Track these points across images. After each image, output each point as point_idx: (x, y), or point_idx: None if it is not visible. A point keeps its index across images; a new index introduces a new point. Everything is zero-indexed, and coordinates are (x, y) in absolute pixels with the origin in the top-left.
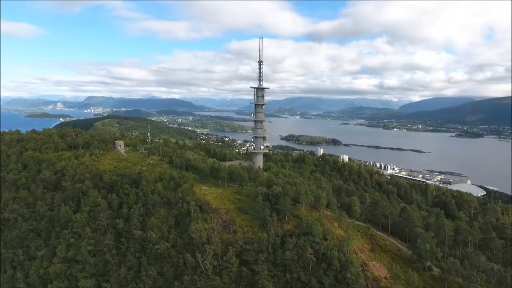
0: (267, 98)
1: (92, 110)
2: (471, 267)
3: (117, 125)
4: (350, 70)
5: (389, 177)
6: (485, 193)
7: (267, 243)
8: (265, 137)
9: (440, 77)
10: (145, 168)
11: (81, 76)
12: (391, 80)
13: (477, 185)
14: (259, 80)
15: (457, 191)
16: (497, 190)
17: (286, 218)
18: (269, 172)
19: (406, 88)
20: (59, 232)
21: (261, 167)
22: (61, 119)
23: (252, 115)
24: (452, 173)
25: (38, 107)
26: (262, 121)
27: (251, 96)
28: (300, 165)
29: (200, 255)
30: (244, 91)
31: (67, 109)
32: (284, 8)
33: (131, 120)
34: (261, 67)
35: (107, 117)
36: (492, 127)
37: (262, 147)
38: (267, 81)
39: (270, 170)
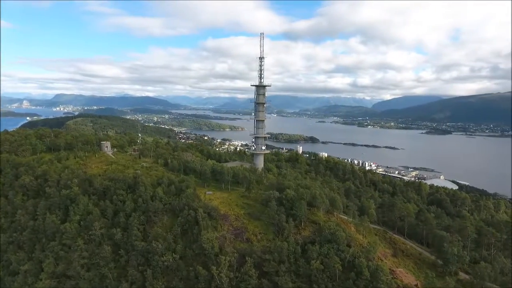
0: (244, 96)
1: (62, 109)
2: (500, 271)
3: (91, 124)
4: (325, 69)
5: (382, 176)
6: (457, 187)
7: (287, 252)
8: (266, 137)
9: (410, 76)
10: (139, 171)
11: (49, 73)
12: (364, 79)
13: (449, 180)
14: (260, 77)
15: (450, 188)
16: (468, 185)
17: (302, 224)
18: (271, 174)
19: (378, 86)
20: (45, 244)
21: (263, 168)
22: (28, 118)
23: (253, 114)
24: (425, 169)
25: (3, 105)
26: (263, 120)
27: (227, 94)
28: (293, 165)
29: (215, 267)
30: (220, 89)
31: (34, 107)
32: (261, 6)
33: (105, 119)
34: (262, 63)
35: (79, 115)
36: (459, 124)
37: (263, 147)
38: (244, 79)
39: (271, 171)
